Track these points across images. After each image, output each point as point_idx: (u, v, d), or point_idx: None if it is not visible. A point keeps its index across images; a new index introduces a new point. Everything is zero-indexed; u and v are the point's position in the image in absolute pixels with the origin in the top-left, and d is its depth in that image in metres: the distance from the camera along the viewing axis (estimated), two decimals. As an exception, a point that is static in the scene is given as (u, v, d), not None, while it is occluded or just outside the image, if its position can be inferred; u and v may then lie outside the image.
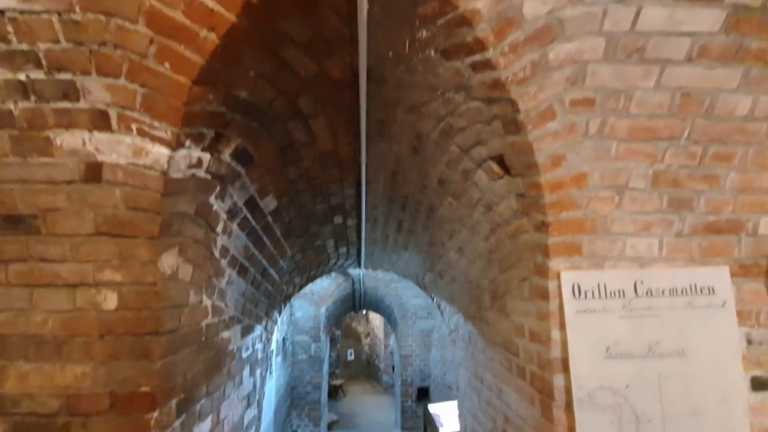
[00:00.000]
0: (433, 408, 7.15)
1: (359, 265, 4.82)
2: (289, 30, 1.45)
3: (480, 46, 1.40)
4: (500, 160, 1.79)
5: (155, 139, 1.44)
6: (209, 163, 1.68)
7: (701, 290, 1.64)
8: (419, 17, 1.40)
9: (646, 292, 1.61)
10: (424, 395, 9.63)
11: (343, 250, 3.96)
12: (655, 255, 1.67)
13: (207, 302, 2.01)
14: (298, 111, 1.87)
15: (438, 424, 6.46)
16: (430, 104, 1.80)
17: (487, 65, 1.45)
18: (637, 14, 1.36)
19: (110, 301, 1.49)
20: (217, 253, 2.05)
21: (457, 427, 4.08)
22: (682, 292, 1.63)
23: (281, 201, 2.42)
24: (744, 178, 1.67)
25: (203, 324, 1.97)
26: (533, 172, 1.63)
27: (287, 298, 4.04)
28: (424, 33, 1.45)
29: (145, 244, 1.51)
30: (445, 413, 6.82)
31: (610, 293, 1.61)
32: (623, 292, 1.61)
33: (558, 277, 1.64)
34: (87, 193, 1.47)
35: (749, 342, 1.68)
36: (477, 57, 1.44)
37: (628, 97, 1.51)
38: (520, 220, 1.84)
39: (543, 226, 1.68)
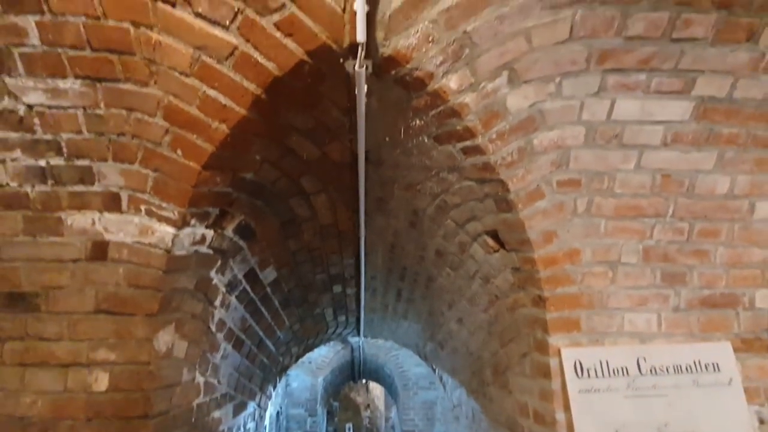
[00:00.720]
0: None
1: (358, 334, 4.70)
2: (293, 121, 1.58)
3: (469, 134, 1.51)
4: (495, 235, 1.85)
5: (162, 219, 1.51)
6: (212, 239, 1.73)
7: (705, 367, 1.61)
8: (413, 109, 1.53)
9: (650, 370, 1.58)
10: (428, 477, 8.83)
11: (342, 318, 3.90)
12: (654, 330, 1.66)
13: (200, 379, 1.95)
14: (300, 189, 1.96)
15: None
16: (426, 183, 1.90)
17: (477, 150, 1.55)
18: (612, 106, 1.49)
19: (101, 382, 1.46)
20: (213, 327, 2.03)
21: None
22: (686, 369, 1.59)
23: (281, 272, 2.44)
24: (733, 252, 1.71)
25: (195, 404, 1.90)
26: (527, 248, 1.68)
27: (283, 370, 3.89)
28: (418, 122, 1.58)
29: (142, 322, 1.52)
30: (452, 500, 6.21)
31: (613, 371, 1.57)
32: (626, 370, 1.58)
33: (559, 353, 1.61)
34: (91, 271, 1.51)
35: (761, 422, 1.61)
36: (467, 143, 1.55)
37: (611, 178, 1.60)
38: (518, 294, 1.85)
39: (540, 301, 1.69)
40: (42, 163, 1.45)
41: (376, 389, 16.36)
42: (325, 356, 8.89)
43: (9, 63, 1.32)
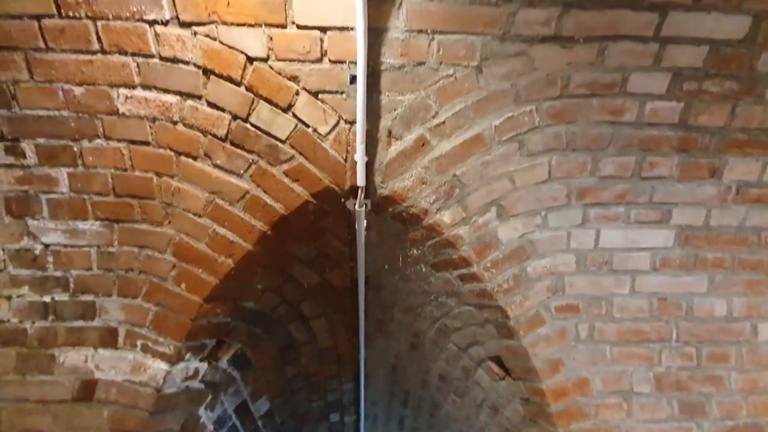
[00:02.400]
0: None
1: (357, 467, 4.18)
2: (297, 252, 1.65)
3: (465, 263, 1.57)
4: (499, 361, 1.79)
5: (157, 355, 1.48)
6: (205, 372, 1.67)
7: None
8: (410, 240, 1.62)
9: None
10: None
11: (339, 449, 3.51)
12: (684, 473, 1.51)
13: None
14: (300, 314, 1.96)
15: None
16: (425, 306, 1.90)
17: (474, 278, 1.59)
18: (597, 235, 1.58)
19: None
20: (196, 473, 1.83)
21: None
22: None
23: (274, 402, 2.28)
24: (747, 378, 1.65)
25: None
26: (534, 377, 1.61)
27: None
28: (415, 251, 1.65)
29: (120, 475, 1.38)
30: None
31: None
32: None
33: (583, 506, 1.44)
34: (75, 414, 1.43)
35: None
36: (463, 271, 1.60)
37: (608, 303, 1.62)
38: (531, 429, 1.72)
39: (554, 439, 1.56)
40: (47, 299, 1.48)
41: None
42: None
43: (35, 207, 1.43)
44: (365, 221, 1.51)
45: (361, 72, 1.26)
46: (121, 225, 1.45)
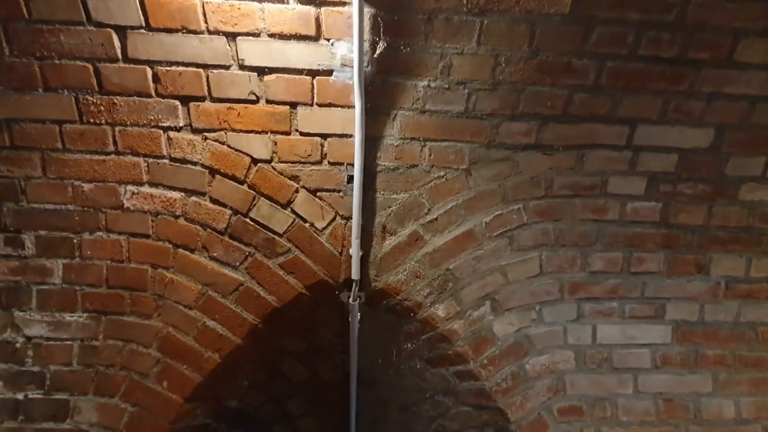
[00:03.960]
0: None
1: None
2: (287, 345, 1.60)
3: (461, 358, 1.52)
4: (501, 471, 1.64)
5: (127, 464, 1.35)
6: (179, 483, 1.51)
7: None
8: (404, 333, 1.58)
9: None
10: None
11: None
12: None
13: None
14: (286, 413, 1.83)
15: None
16: (421, 405, 1.79)
17: (470, 375, 1.53)
18: (594, 330, 1.56)
19: None
20: None
21: None
22: None
23: None
24: (773, 493, 1.51)
25: None
26: (539, 492, 1.47)
27: None
28: (410, 345, 1.61)
29: None
30: None
31: None
32: None
33: None
34: None
35: None
36: (460, 367, 1.55)
37: (612, 404, 1.54)
38: None
39: None
40: (20, 396, 1.39)
41: None
42: None
43: (24, 298, 1.41)
44: (359, 314, 1.50)
45: (357, 173, 1.34)
46: (108, 317, 1.42)
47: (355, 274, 1.42)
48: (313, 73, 1.29)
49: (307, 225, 1.41)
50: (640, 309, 1.57)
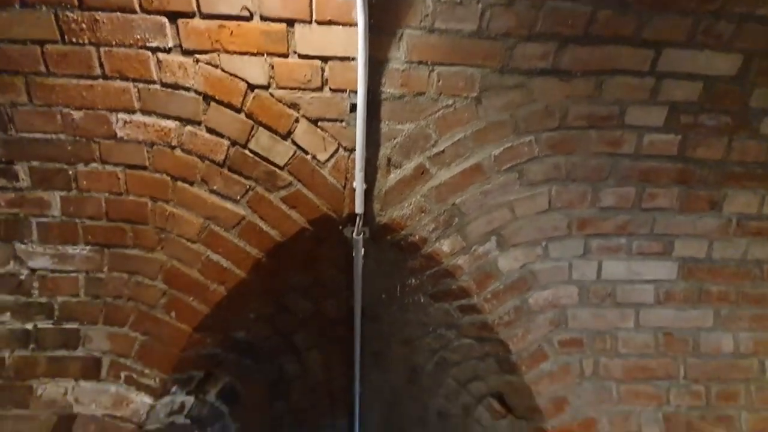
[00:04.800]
0: None
1: None
2: (291, 280, 1.61)
3: (464, 293, 1.53)
4: (501, 398, 1.71)
5: (141, 387, 1.40)
6: (192, 406, 1.58)
7: None
8: (408, 269, 1.58)
9: None
10: None
11: (330, 492, 3.31)
12: None
13: None
14: (292, 346, 1.89)
15: None
16: (424, 339, 1.84)
17: (474, 309, 1.55)
18: (599, 266, 1.55)
19: None
20: None
21: None
22: None
23: (264, 439, 2.16)
24: (758, 417, 1.58)
25: None
26: (537, 417, 1.54)
27: None
28: (414, 281, 1.61)
29: None
30: None
31: None
32: None
33: None
34: (47, 453, 1.33)
35: None
36: (463, 302, 1.56)
37: (613, 337, 1.57)
38: (534, 473, 1.62)
39: (560, 485, 1.47)
40: (29, 326, 1.41)
41: None
42: None
43: (24, 231, 1.39)
44: (363, 249, 1.48)
45: (361, 101, 1.26)
46: (111, 250, 1.41)
47: (358, 209, 1.38)
48: (311, -15, 1.18)
49: (308, 157, 1.35)
50: (648, 245, 1.55)
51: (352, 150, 1.35)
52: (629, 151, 1.45)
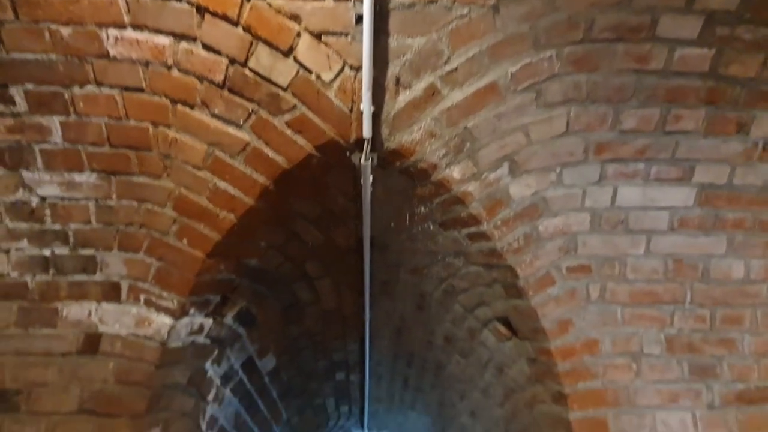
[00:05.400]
0: None
1: (362, 426, 4.32)
2: (300, 208, 1.60)
3: (474, 220, 1.52)
4: (506, 322, 1.77)
5: (161, 309, 1.46)
6: (211, 327, 1.66)
7: (756, 479, 1.42)
8: (417, 197, 1.56)
9: (693, 483, 1.40)
10: None
11: (344, 409, 3.61)
12: (690, 432, 1.50)
13: (184, 490, 1.74)
14: (304, 273, 1.93)
15: None
16: (432, 267, 1.87)
17: (483, 236, 1.54)
18: (614, 193, 1.51)
19: (74, 497, 1.30)
20: (203, 425, 1.86)
21: None
22: (734, 482, 1.41)
23: (281, 359, 2.31)
24: (761, 341, 1.61)
25: None
26: (541, 337, 1.59)
27: (278, 470, 3.51)
28: (423, 209, 1.60)
29: (126, 425, 1.40)
30: None
31: (651, 485, 1.39)
32: (666, 483, 1.39)
33: (587, 462, 1.45)
34: (79, 366, 1.43)
35: None
36: (472, 229, 1.55)
37: (621, 263, 1.57)
38: (536, 388, 1.72)
39: (561, 398, 1.55)
40: (47, 252, 1.45)
41: (381, 488, 14.63)
42: (324, 450, 8.08)
43: (29, 158, 1.38)
44: (371, 176, 1.45)
45: (368, 10, 1.16)
46: (118, 177, 1.40)
47: (366, 133, 1.33)
48: None
49: (312, 77, 1.27)
50: (667, 171, 1.49)
51: (359, 68, 1.26)
52: (657, 67, 1.34)
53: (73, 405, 1.40)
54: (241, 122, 1.33)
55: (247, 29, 1.21)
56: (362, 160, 1.39)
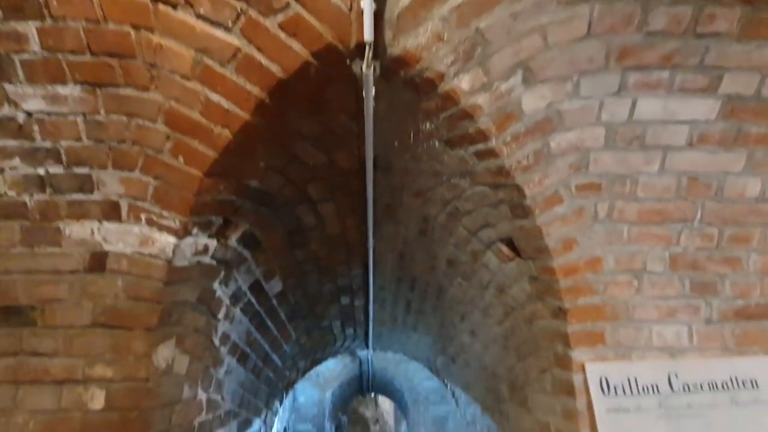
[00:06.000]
0: None
1: (367, 347, 4.59)
2: (299, 126, 1.52)
3: (482, 136, 1.44)
4: (510, 243, 1.76)
5: (163, 228, 1.45)
6: (215, 249, 1.67)
7: (743, 383, 1.49)
8: (423, 112, 1.47)
9: (683, 387, 1.47)
10: (439, 495, 8.55)
11: (350, 331, 3.80)
12: (685, 344, 1.55)
13: (202, 396, 1.87)
14: (307, 197, 1.90)
15: None
16: (436, 189, 1.82)
17: (491, 154, 1.48)
18: (633, 105, 1.41)
19: (97, 400, 1.39)
20: (217, 341, 1.95)
21: None
22: (722, 386, 1.48)
23: (287, 283, 2.37)
24: (767, 260, 1.60)
25: (196, 422, 1.81)
26: (545, 256, 1.59)
27: (290, 384, 3.79)
28: (428, 125, 1.52)
29: (141, 336, 1.45)
30: None
31: (643, 388, 1.46)
32: (657, 388, 1.46)
33: (583, 369, 1.51)
34: (89, 283, 1.45)
35: (808, 446, 1.48)
36: (480, 146, 1.48)
37: (633, 181, 1.52)
38: (536, 305, 1.76)
39: (560, 313, 1.59)
40: (41, 171, 1.41)
41: (386, 403, 16.06)
42: (332, 370, 8.73)
43: (9, 70, 1.29)
44: (374, 89, 1.35)
45: None
46: (104, 90, 1.31)
47: (368, 35, 1.21)
48: None
49: (306, -32, 1.13)
50: (693, 80, 1.38)
51: (358, -43, 1.12)
52: (696, -46, 1.18)
53: (87, 319, 1.44)
54: (230, 24, 1.22)
55: None
56: (363, 68, 1.28)
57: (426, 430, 8.98)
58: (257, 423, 2.97)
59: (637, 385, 1.47)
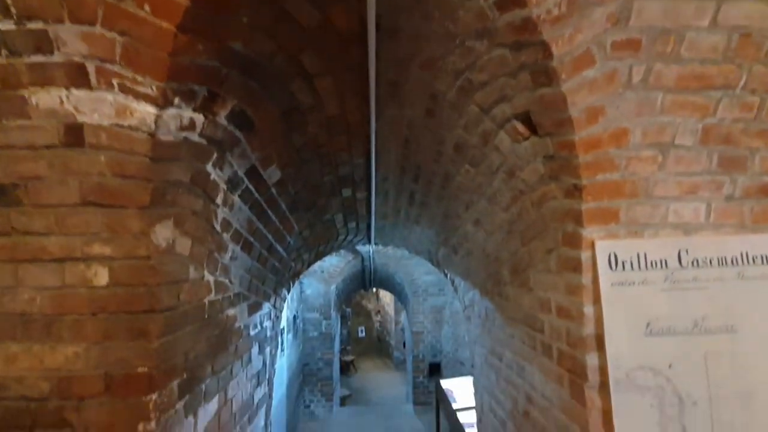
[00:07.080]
0: (446, 384, 7.15)
1: (369, 242, 4.70)
2: (286, -34, 1.26)
3: (508, -22, 1.20)
4: (526, 119, 1.61)
5: (140, 96, 1.29)
6: (203, 125, 1.52)
7: (753, 259, 1.47)
8: (437, -55, 1.20)
9: (692, 263, 1.45)
10: (435, 371, 9.67)
11: (352, 225, 3.83)
12: (701, 221, 1.49)
13: (209, 278, 1.89)
14: (302, 69, 1.69)
15: (451, 399, 6.46)
16: (448, 57, 1.61)
17: (516, 2, 1.25)
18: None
19: (101, 276, 1.38)
20: (218, 227, 1.92)
21: (472, 403, 4.02)
22: (732, 261, 1.46)
23: (286, 172, 2.27)
24: (807, 132, 1.47)
25: (206, 301, 1.86)
26: (566, 130, 1.45)
27: (296, 275, 3.95)
28: (443, -34, 1.26)
29: (135, 215, 1.38)
30: (458, 389, 6.81)
31: (651, 263, 1.45)
32: (666, 263, 1.45)
33: (592, 246, 1.48)
34: (69, 159, 1.34)
35: (804, 317, 1.51)
36: (504, -7, 1.24)
37: (678, 38, 1.31)
38: (548, 186, 1.67)
39: (575, 191, 1.51)
40: (-11, 27, 1.20)
41: (386, 297, 17.37)
42: (336, 266, 9.20)
43: None
44: None
45: None
46: None
47: None
48: None
49: None
50: None
51: None
52: None
53: (75, 198, 1.36)
54: None
55: None
56: None
57: (424, 317, 9.78)
58: (267, 306, 3.13)
59: (646, 260, 1.45)
